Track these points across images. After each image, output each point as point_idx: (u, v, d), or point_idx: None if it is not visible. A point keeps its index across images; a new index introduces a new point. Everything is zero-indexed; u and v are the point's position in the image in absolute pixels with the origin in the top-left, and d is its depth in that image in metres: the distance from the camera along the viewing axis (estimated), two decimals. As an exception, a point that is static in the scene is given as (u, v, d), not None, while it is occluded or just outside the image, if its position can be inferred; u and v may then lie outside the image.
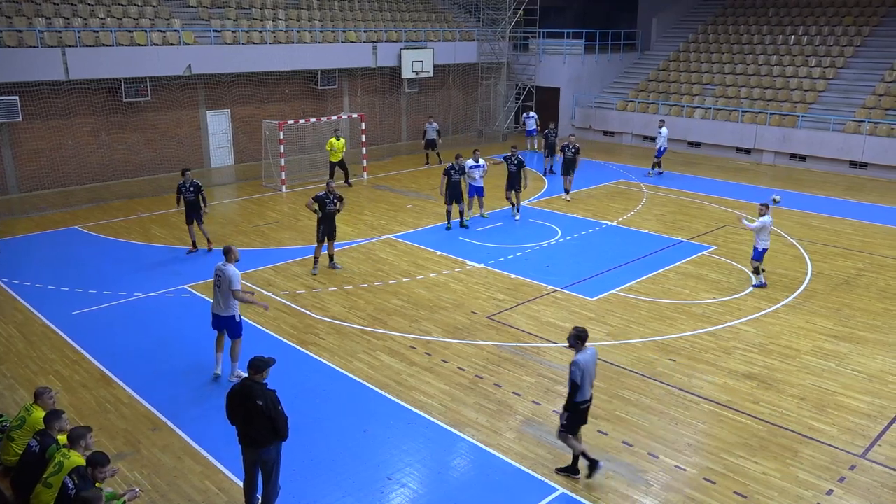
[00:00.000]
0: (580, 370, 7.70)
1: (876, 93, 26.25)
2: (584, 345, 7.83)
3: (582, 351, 7.80)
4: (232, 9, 25.50)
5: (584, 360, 7.75)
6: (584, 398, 7.90)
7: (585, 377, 7.76)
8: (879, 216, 19.39)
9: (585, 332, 7.86)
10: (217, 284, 10.10)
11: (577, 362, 7.72)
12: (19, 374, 10.58)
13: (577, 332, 7.82)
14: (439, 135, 25.67)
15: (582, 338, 7.80)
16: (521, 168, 18.15)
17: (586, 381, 7.80)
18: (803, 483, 8.14)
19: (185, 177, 15.41)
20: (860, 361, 11.06)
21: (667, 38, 34.97)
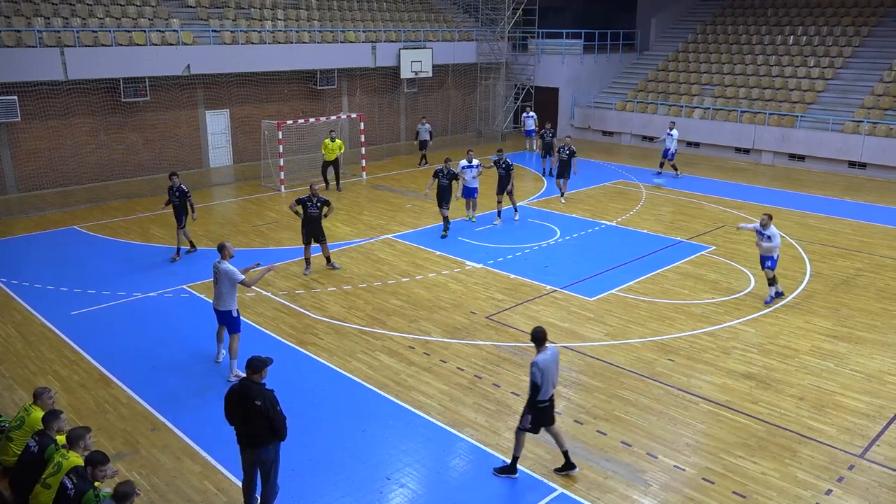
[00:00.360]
0: (539, 371, 7.72)
1: (874, 93, 26.28)
2: (545, 345, 7.85)
3: (542, 351, 7.82)
4: (231, 9, 25.49)
5: (542, 360, 7.76)
6: (544, 398, 7.90)
7: (546, 377, 7.76)
8: (878, 216, 19.41)
9: (543, 332, 7.89)
10: (215, 281, 10.26)
11: (537, 363, 7.73)
12: (18, 374, 10.57)
13: (534, 334, 7.87)
14: (431, 136, 25.56)
15: (539, 339, 7.83)
16: (510, 171, 17.88)
17: (546, 381, 7.80)
18: (802, 483, 8.14)
19: (173, 181, 15.20)
20: (859, 361, 11.06)
21: (666, 39, 34.99)
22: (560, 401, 9.85)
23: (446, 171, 16.94)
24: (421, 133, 25.50)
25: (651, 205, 20.36)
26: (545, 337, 7.88)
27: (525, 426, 8.00)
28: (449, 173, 16.93)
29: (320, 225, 14.39)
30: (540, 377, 7.72)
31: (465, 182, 17.73)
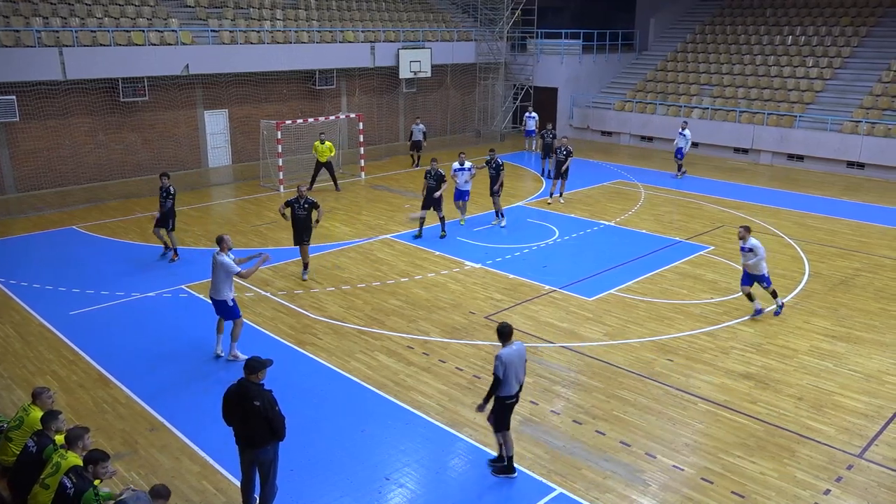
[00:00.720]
0: (503, 364, 7.72)
1: (873, 93, 26.30)
2: (510, 340, 7.84)
3: (507, 346, 7.82)
4: (230, 8, 25.48)
5: (506, 354, 7.77)
6: (509, 393, 7.90)
7: (509, 372, 7.77)
8: (876, 216, 19.43)
9: (508, 327, 7.89)
10: (212, 272, 10.60)
11: (500, 356, 7.75)
12: (16, 374, 10.56)
13: (499, 329, 7.89)
14: (425, 137, 25.45)
15: (505, 333, 7.84)
16: (500, 172, 17.70)
17: (510, 376, 7.80)
18: (801, 483, 8.15)
19: (162, 181, 15.17)
20: (857, 361, 11.07)
21: (664, 39, 35.00)
22: (559, 401, 9.87)
23: (433, 171, 16.71)
24: (415, 133, 25.40)
25: (650, 205, 20.37)
26: (511, 332, 7.89)
27: (481, 409, 8.07)
28: (436, 174, 16.63)
29: (308, 227, 14.10)
30: (502, 371, 7.73)
31: (457, 185, 17.54)
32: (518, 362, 7.87)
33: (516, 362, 7.84)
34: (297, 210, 14.02)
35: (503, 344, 7.86)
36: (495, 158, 17.96)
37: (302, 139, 24.76)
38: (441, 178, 16.64)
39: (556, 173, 20.25)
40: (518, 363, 7.87)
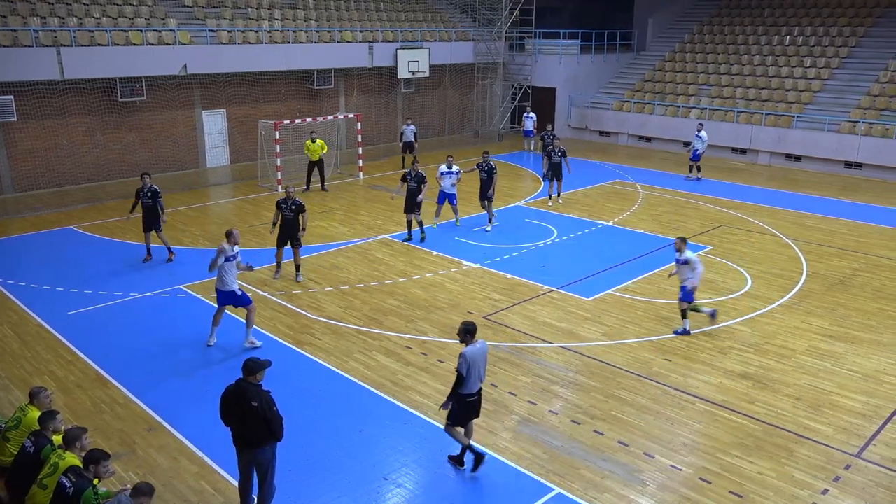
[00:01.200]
0: (466, 362, 7.75)
1: (870, 93, 26.34)
2: (474, 338, 7.87)
3: (471, 344, 7.84)
4: (227, 8, 25.46)
5: (471, 352, 7.79)
6: (471, 391, 7.92)
7: (472, 370, 7.79)
8: (874, 216, 19.46)
9: (473, 325, 7.91)
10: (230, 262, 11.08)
11: (464, 354, 7.78)
12: (14, 374, 10.55)
13: (464, 326, 7.89)
14: (416, 137, 25.15)
15: (470, 331, 7.86)
16: (493, 175, 17.44)
17: (472, 374, 7.82)
18: (799, 482, 8.16)
19: (144, 181, 14.74)
20: (855, 361, 11.09)
21: (662, 39, 35.03)
22: (557, 401, 9.87)
23: (414, 173, 16.35)
24: (406, 134, 25.14)
25: (648, 205, 20.38)
26: (475, 330, 7.91)
27: (445, 407, 8.10)
28: (418, 176, 16.30)
29: (296, 229, 13.91)
30: (466, 369, 7.76)
31: (441, 188, 17.25)
32: (481, 361, 7.90)
33: (479, 361, 7.87)
34: (284, 211, 13.87)
35: (467, 343, 7.87)
36: (488, 161, 17.63)
37: (300, 139, 24.73)
38: (422, 180, 16.32)
39: (553, 175, 20.21)
40: (481, 362, 7.90)
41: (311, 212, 19.29)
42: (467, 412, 8.10)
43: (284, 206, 13.87)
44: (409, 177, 16.39)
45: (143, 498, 6.17)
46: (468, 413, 8.11)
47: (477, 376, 7.90)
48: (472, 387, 7.91)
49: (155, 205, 14.86)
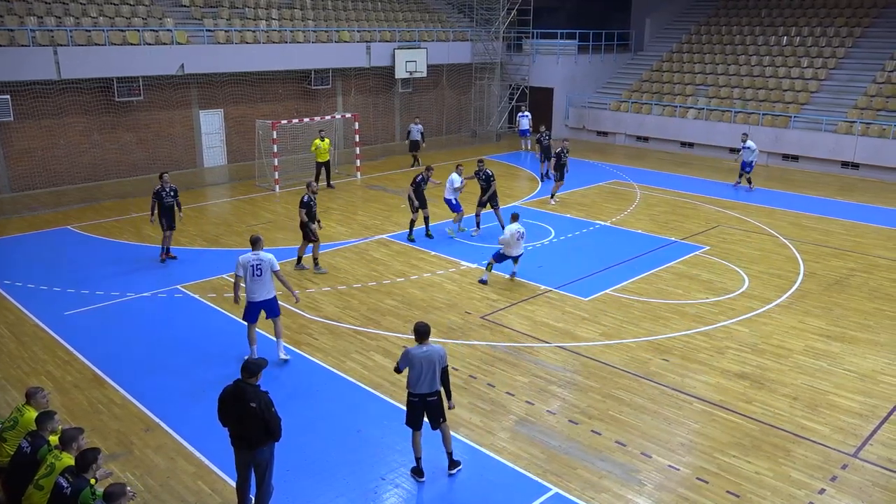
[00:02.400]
0: (405, 360, 7.86)
1: (867, 93, 26.38)
2: (424, 340, 7.83)
3: (418, 346, 7.82)
4: (225, 8, 25.43)
5: (413, 351, 7.81)
6: (414, 392, 7.89)
7: (412, 370, 7.80)
8: (871, 216, 19.49)
9: (423, 326, 7.88)
10: (256, 273, 10.24)
11: (406, 351, 7.86)
12: (11, 374, 10.53)
13: (416, 326, 7.91)
14: (423, 137, 25.42)
15: (419, 332, 7.86)
16: (491, 182, 16.99)
17: (414, 374, 7.82)
18: (796, 482, 8.17)
19: (164, 180, 14.90)
20: (852, 361, 11.11)
21: (660, 39, 35.06)
22: (555, 401, 9.87)
23: (426, 178, 16.55)
24: (413, 133, 25.39)
25: (645, 205, 20.40)
26: (426, 333, 7.86)
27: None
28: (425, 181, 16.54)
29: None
30: (403, 365, 7.89)
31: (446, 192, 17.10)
32: (425, 365, 7.76)
33: (422, 365, 7.76)
34: (314, 207, 14.33)
35: (417, 342, 7.85)
36: (484, 169, 17.33)
37: (298, 139, 24.73)
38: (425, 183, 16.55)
39: (560, 175, 20.17)
40: (425, 365, 7.76)
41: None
42: (410, 412, 8.02)
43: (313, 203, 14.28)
44: (423, 181, 16.55)
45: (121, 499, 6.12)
46: (410, 413, 8.01)
47: (419, 378, 7.80)
48: (414, 387, 7.86)
49: (174, 203, 15.01)
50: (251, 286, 10.27)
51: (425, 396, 7.90)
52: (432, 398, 7.93)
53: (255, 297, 10.32)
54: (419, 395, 7.89)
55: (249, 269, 10.21)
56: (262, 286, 10.32)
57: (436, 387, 7.90)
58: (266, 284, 10.35)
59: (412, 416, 8.03)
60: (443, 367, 7.89)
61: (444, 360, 7.90)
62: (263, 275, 10.27)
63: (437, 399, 7.96)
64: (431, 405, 7.96)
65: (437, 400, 7.96)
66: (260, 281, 10.27)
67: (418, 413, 7.98)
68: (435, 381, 7.87)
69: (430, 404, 7.96)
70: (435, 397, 7.94)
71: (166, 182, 14.99)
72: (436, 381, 7.88)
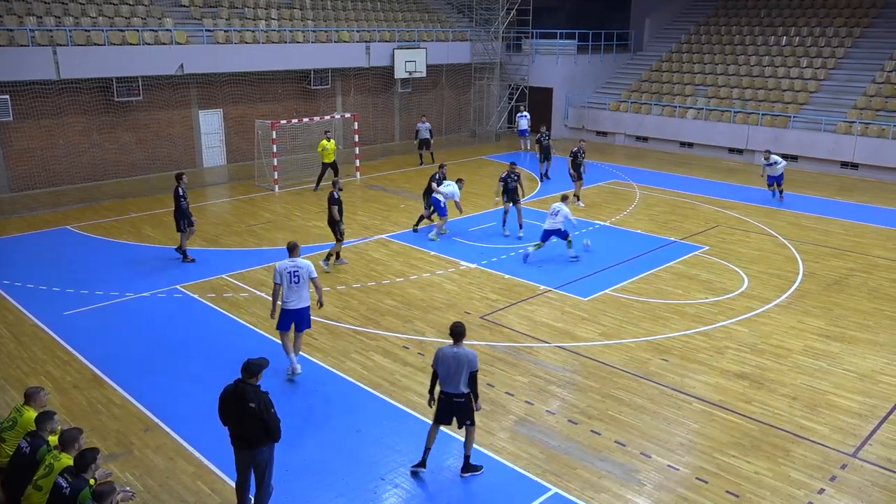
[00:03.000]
0: (435, 358, 7.99)
1: (867, 94, 26.39)
2: (457, 341, 7.90)
3: (450, 346, 7.92)
4: (224, 8, 25.42)
5: (441, 351, 7.93)
6: (442, 389, 8.00)
7: (440, 368, 7.93)
8: (870, 216, 19.50)
9: (457, 328, 7.93)
10: (294, 280, 10.07)
11: (437, 350, 8.01)
12: (10, 374, 10.52)
13: (451, 327, 7.98)
14: (432, 135, 25.63)
15: (452, 333, 7.94)
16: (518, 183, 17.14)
17: (442, 373, 7.92)
18: (795, 482, 8.17)
19: (183, 181, 14.97)
20: (851, 361, 11.11)
21: (659, 39, 35.07)
22: (554, 401, 9.88)
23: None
24: (421, 132, 25.51)
25: (644, 205, 20.40)
26: (458, 335, 7.92)
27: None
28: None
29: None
30: (435, 364, 7.99)
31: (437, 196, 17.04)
32: (452, 364, 7.84)
33: (450, 364, 7.85)
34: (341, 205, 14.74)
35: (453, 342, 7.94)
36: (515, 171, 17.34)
37: (297, 139, 24.73)
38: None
39: (577, 174, 20.09)
40: (452, 365, 7.84)
41: (308, 211, 19.34)
42: (437, 407, 8.10)
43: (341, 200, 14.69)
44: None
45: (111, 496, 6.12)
46: (438, 408, 8.09)
47: (446, 377, 7.89)
48: (441, 383, 7.98)
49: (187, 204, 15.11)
50: (288, 294, 10.13)
51: (451, 396, 7.98)
52: (458, 399, 7.99)
53: (290, 304, 10.16)
54: (446, 393, 8.00)
55: (287, 275, 10.08)
56: (299, 294, 10.16)
57: (461, 388, 7.94)
58: (303, 292, 10.19)
59: (438, 411, 8.11)
60: (471, 372, 7.91)
61: (473, 365, 7.91)
62: (301, 282, 10.12)
63: (464, 401, 8.01)
64: (456, 406, 8.03)
65: (462, 402, 8.00)
66: (297, 288, 10.12)
67: (444, 409, 8.07)
68: (460, 382, 7.92)
69: (455, 405, 8.03)
70: (461, 399, 7.99)
71: (184, 183, 15.02)
72: (461, 382, 7.92)
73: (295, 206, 20.08)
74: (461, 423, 8.11)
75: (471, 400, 8.02)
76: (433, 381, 8.11)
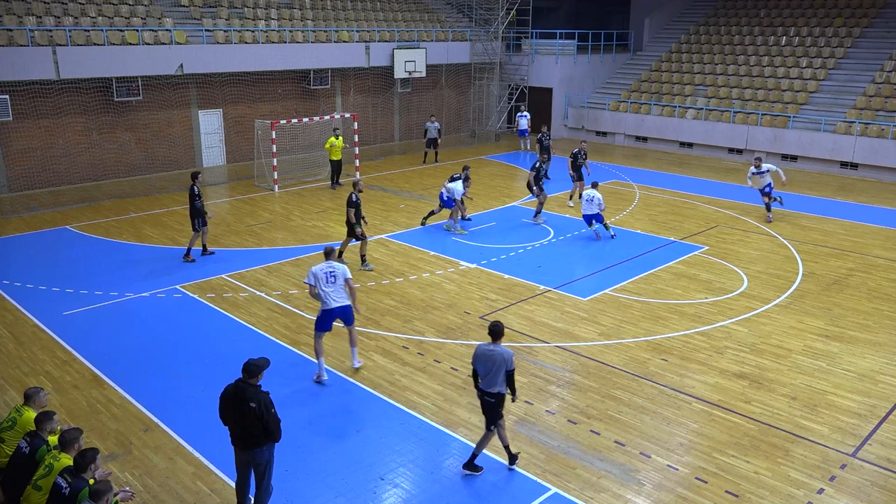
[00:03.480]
0: (473, 357, 8.05)
1: (866, 94, 26.41)
2: (495, 340, 7.95)
3: (488, 343, 7.98)
4: (224, 8, 25.42)
5: (479, 349, 8.00)
6: (482, 387, 8.03)
7: (477, 365, 7.98)
8: (870, 216, 19.51)
9: (495, 328, 7.95)
10: (331, 280, 10.18)
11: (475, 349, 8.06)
12: (10, 374, 10.52)
13: (490, 326, 8.02)
14: (440, 134, 25.81)
15: (490, 331, 7.99)
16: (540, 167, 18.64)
17: (480, 370, 7.97)
18: (794, 482, 8.17)
19: (198, 181, 15.10)
20: (851, 361, 11.12)
21: (659, 39, 35.08)
22: (554, 401, 9.88)
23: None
24: (430, 131, 25.68)
25: (644, 205, 20.40)
26: (497, 334, 7.96)
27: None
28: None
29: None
30: (473, 361, 8.05)
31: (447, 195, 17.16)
32: (488, 362, 7.88)
33: (486, 361, 7.90)
34: (360, 205, 14.85)
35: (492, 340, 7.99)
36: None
37: (297, 139, 24.73)
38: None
39: (577, 175, 20.16)
40: (488, 363, 7.88)
41: (308, 211, 19.34)
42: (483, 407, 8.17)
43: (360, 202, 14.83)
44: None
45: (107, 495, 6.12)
46: (484, 410, 8.17)
47: (485, 375, 7.93)
48: (482, 381, 8.00)
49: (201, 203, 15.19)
50: (326, 292, 10.18)
51: (484, 394, 8.03)
52: (489, 398, 8.02)
53: (330, 303, 10.20)
54: (480, 390, 8.07)
55: (322, 276, 10.14)
56: (338, 292, 10.25)
57: (495, 387, 7.96)
58: (340, 291, 10.28)
59: (484, 410, 8.17)
60: (508, 371, 7.93)
61: (509, 364, 7.93)
62: (337, 281, 10.23)
63: (495, 401, 8.03)
64: (487, 404, 8.07)
65: (493, 402, 8.03)
66: (334, 286, 10.22)
67: (483, 406, 8.14)
68: (495, 381, 7.94)
69: (486, 404, 8.07)
70: (492, 399, 8.01)
71: (199, 181, 15.15)
72: (496, 381, 7.94)
73: (294, 206, 20.08)
74: (489, 422, 8.16)
75: (500, 402, 8.03)
76: (475, 378, 8.12)
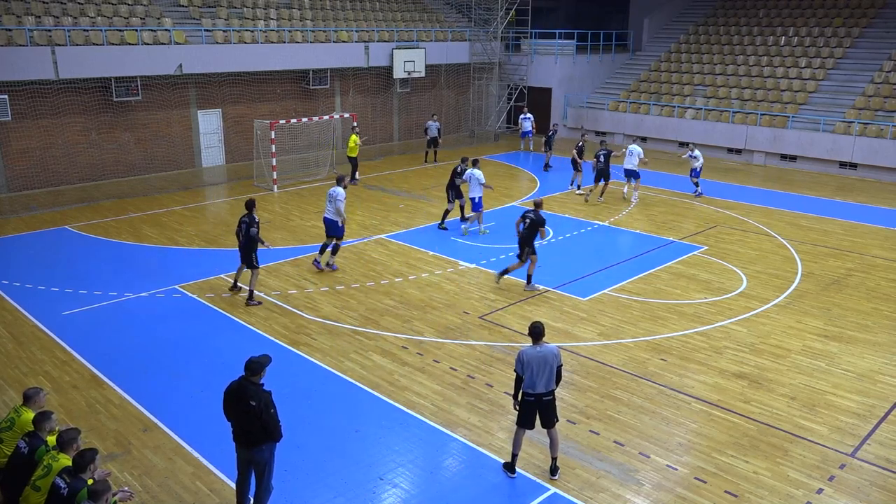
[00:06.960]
0: (520, 363, 7.91)
1: (866, 94, 26.42)
2: (538, 341, 7.91)
3: (532, 346, 7.91)
4: (223, 8, 25.41)
5: (525, 353, 7.90)
6: (529, 391, 7.96)
7: (527, 371, 7.88)
8: (869, 216, 19.52)
9: (537, 328, 7.93)
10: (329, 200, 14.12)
11: (519, 353, 7.95)
12: (9, 375, 10.51)
13: (530, 327, 7.98)
14: (440, 133, 25.89)
15: (532, 333, 7.94)
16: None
17: (529, 375, 7.88)
18: (793, 482, 8.18)
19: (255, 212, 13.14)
20: (850, 361, 11.12)
21: (658, 39, 35.09)
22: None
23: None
24: (430, 130, 25.72)
25: (643, 205, 20.41)
26: (538, 335, 7.92)
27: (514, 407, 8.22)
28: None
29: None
30: (520, 368, 7.90)
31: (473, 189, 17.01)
32: (541, 364, 7.85)
33: (537, 364, 7.85)
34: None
35: (532, 343, 7.93)
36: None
37: (296, 139, 24.72)
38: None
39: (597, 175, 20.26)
40: (541, 365, 7.85)
41: (307, 211, 19.33)
42: (524, 411, 8.09)
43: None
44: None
45: (106, 495, 6.12)
46: (524, 412, 8.08)
47: (537, 378, 7.88)
48: (530, 386, 7.93)
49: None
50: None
51: (541, 396, 7.98)
52: (548, 398, 8.02)
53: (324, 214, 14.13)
54: (536, 394, 7.97)
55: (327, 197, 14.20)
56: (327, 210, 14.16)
57: (551, 386, 7.98)
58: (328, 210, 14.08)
59: (525, 416, 8.10)
60: (557, 366, 7.95)
61: (558, 359, 7.96)
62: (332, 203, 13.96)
63: (553, 399, 8.05)
64: (545, 405, 8.05)
65: (552, 400, 8.04)
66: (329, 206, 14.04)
67: (532, 413, 8.08)
68: (551, 380, 7.95)
69: (545, 404, 8.04)
70: (550, 397, 8.03)
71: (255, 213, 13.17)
72: (551, 380, 7.96)
73: (293, 205, 20.07)
74: (549, 422, 8.11)
75: (555, 398, 8.08)
76: (517, 385, 8.01)
